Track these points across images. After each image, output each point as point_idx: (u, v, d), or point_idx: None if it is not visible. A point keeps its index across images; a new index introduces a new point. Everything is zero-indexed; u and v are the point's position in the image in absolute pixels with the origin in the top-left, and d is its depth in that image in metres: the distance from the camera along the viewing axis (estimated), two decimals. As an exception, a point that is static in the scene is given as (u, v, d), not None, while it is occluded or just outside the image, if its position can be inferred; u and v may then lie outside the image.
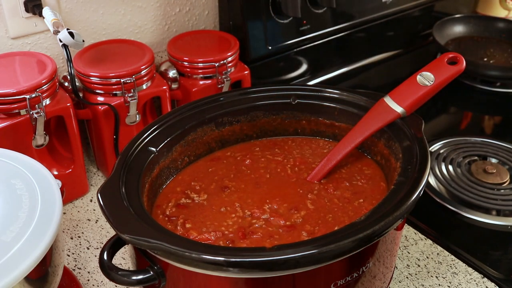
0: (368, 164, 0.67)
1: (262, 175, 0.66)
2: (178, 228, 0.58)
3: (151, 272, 0.50)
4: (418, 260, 0.70)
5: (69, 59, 0.73)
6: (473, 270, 0.68)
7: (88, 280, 0.67)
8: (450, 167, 0.85)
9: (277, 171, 0.66)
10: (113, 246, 0.51)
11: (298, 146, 0.71)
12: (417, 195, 0.52)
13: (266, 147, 0.71)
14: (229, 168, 0.67)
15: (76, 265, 0.69)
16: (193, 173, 0.67)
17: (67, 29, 0.71)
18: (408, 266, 0.69)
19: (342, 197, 0.62)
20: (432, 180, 0.82)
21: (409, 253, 0.71)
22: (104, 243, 0.56)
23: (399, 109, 0.62)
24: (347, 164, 0.67)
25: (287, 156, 0.69)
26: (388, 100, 0.63)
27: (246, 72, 0.89)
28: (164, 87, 0.82)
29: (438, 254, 0.70)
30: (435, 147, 0.90)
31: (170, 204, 0.61)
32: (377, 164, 0.67)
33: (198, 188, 0.64)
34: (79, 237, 0.74)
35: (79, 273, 0.68)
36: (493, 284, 0.66)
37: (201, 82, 0.85)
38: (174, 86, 0.86)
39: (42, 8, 0.76)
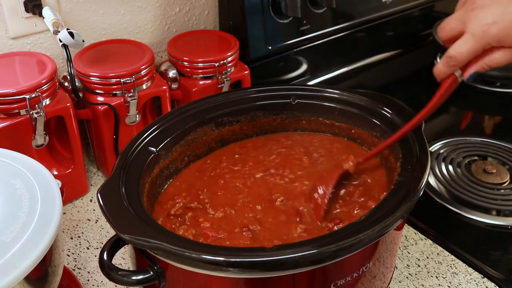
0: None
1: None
2: (186, 222, 0.58)
3: (151, 272, 0.50)
4: (418, 260, 0.70)
5: (69, 59, 0.73)
6: (473, 270, 0.68)
7: (88, 280, 0.67)
8: (450, 167, 0.85)
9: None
10: (113, 246, 0.51)
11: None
12: (417, 195, 0.52)
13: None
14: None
15: (76, 265, 0.69)
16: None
17: (67, 29, 0.71)
18: (408, 266, 0.69)
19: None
20: (432, 180, 0.82)
21: (409, 253, 0.71)
22: (104, 243, 0.56)
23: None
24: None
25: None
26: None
27: (246, 72, 0.89)
28: (164, 87, 0.82)
29: (438, 254, 0.70)
30: (435, 147, 0.90)
31: (177, 205, 0.61)
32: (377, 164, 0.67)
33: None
34: (79, 237, 0.74)
35: (79, 273, 0.68)
36: (493, 284, 0.66)
37: (201, 82, 0.85)
38: (174, 86, 0.86)
39: (42, 8, 0.76)
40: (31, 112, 0.69)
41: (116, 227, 0.48)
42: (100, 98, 0.78)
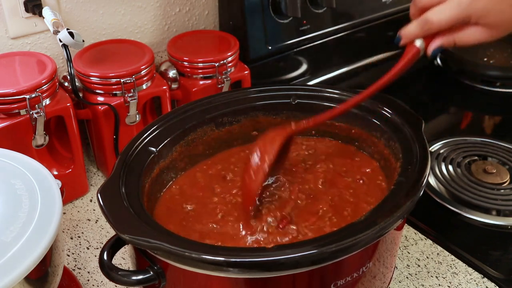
0: (368, 164, 0.67)
1: None
2: None
3: (151, 272, 0.50)
4: (418, 260, 0.70)
5: (69, 59, 0.73)
6: (473, 270, 0.68)
7: (88, 280, 0.67)
8: (450, 167, 0.85)
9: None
10: (113, 246, 0.51)
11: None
12: (417, 195, 0.52)
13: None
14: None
15: (76, 265, 0.69)
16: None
17: (67, 29, 0.71)
18: (408, 266, 0.69)
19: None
20: (432, 180, 0.82)
21: (409, 253, 0.71)
22: (104, 243, 0.56)
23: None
24: (347, 163, 0.67)
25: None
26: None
27: (246, 72, 0.89)
28: (164, 87, 0.82)
29: (438, 254, 0.70)
30: (435, 147, 0.90)
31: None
32: (377, 164, 0.67)
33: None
34: (79, 237, 0.74)
35: (79, 273, 0.68)
36: (493, 284, 0.66)
37: (201, 82, 0.85)
38: (174, 86, 0.86)
39: (42, 8, 0.76)
40: (31, 112, 0.69)
41: (116, 227, 0.48)
42: (100, 98, 0.78)
